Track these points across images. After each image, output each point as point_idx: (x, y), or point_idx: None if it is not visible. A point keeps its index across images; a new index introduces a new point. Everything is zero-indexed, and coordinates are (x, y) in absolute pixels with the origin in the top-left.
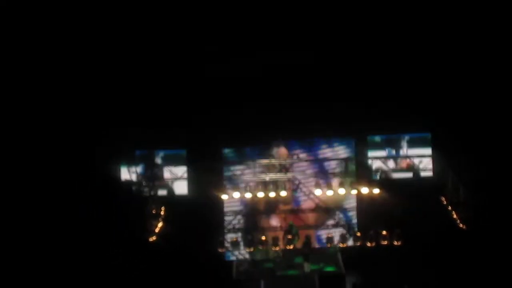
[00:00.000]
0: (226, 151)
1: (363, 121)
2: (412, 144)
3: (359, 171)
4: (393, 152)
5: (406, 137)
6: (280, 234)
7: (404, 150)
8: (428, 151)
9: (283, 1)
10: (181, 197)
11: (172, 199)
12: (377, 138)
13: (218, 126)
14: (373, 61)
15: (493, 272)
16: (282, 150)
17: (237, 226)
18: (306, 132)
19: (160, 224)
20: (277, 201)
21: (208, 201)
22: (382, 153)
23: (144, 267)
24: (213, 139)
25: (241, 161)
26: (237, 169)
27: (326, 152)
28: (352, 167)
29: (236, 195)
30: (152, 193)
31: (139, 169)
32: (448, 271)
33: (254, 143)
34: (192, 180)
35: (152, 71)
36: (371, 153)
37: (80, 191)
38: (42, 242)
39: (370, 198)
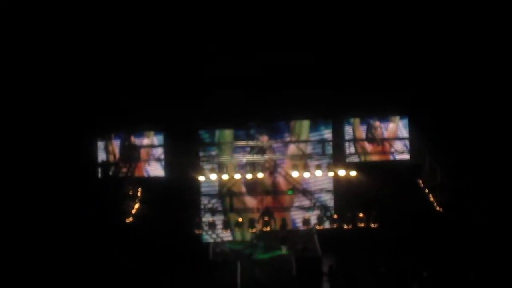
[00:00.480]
0: (203, 132)
1: (341, 104)
2: (388, 126)
3: (336, 153)
4: (370, 135)
5: (383, 120)
6: (257, 216)
7: (381, 133)
8: (405, 134)
9: None
10: (158, 179)
11: (148, 181)
12: (355, 121)
13: (195, 107)
14: (352, 44)
15: (469, 255)
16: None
17: (213, 208)
18: (283, 114)
19: (136, 205)
20: (254, 183)
21: (185, 183)
22: (360, 135)
23: (120, 248)
24: (190, 120)
25: (218, 142)
26: (213, 151)
27: (303, 134)
28: (329, 149)
29: (213, 176)
30: (128, 174)
31: (116, 150)
32: (424, 254)
33: (231, 125)
34: (168, 161)
35: (132, 53)
36: (348, 136)
37: (56, 172)
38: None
39: (347, 180)
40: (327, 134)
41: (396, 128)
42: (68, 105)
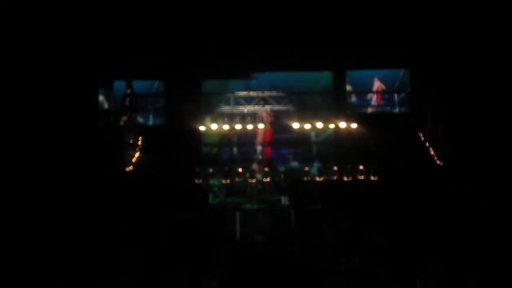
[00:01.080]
0: (205, 82)
1: (342, 55)
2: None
3: (336, 105)
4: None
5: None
6: (258, 167)
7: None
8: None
9: None
10: (159, 127)
11: (149, 129)
12: (356, 73)
13: (197, 57)
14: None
15: (468, 210)
16: None
17: (214, 158)
18: (284, 65)
19: (137, 154)
20: (255, 133)
21: (185, 132)
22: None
23: (121, 197)
24: (192, 70)
25: (219, 92)
26: (215, 101)
27: (304, 85)
28: (330, 101)
29: (214, 126)
30: (129, 122)
31: (116, 98)
32: (424, 208)
33: (233, 75)
34: (169, 110)
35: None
36: (349, 87)
37: (57, 120)
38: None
39: (348, 132)
40: (318, 84)
41: (398, 81)
42: (69, 53)
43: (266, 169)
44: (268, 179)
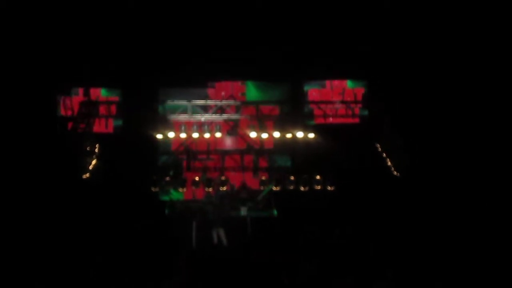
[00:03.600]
0: (162, 90)
1: (300, 66)
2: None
3: (294, 115)
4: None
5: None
6: (214, 175)
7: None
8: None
9: None
10: (116, 135)
11: (106, 137)
12: (314, 84)
13: (154, 65)
14: (312, 6)
15: (425, 219)
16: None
17: (170, 166)
18: (242, 74)
19: (94, 162)
20: (212, 142)
21: (142, 140)
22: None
23: (77, 204)
24: (150, 78)
25: (176, 101)
26: (172, 109)
27: (262, 95)
28: (287, 110)
29: (171, 135)
30: (86, 130)
31: (74, 105)
32: (380, 217)
33: (190, 83)
34: (126, 118)
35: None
36: (306, 98)
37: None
38: None
39: (305, 142)
40: (277, 94)
41: (355, 91)
42: (27, 60)
43: (223, 178)
44: (225, 188)
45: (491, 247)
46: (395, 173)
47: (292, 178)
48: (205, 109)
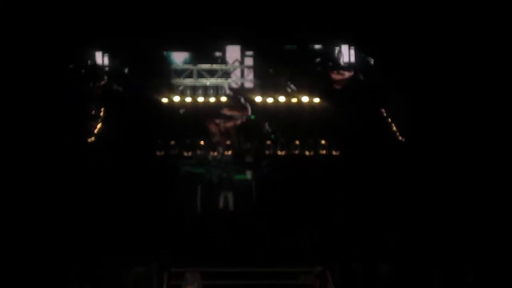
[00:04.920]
0: (169, 54)
1: (306, 29)
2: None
3: (300, 79)
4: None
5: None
6: (220, 139)
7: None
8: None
9: None
10: (121, 99)
11: (112, 100)
12: (318, 46)
13: (161, 28)
14: None
15: (429, 183)
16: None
17: (176, 130)
18: (248, 39)
19: (99, 125)
20: (217, 106)
21: (148, 104)
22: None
23: (83, 168)
24: (157, 41)
25: (183, 64)
26: (178, 73)
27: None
28: (293, 75)
29: (176, 98)
30: (92, 93)
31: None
32: (385, 184)
33: (197, 47)
34: (132, 82)
35: None
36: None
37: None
38: None
39: (310, 106)
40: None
41: (361, 56)
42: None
43: (228, 142)
44: (230, 152)
45: (493, 211)
46: (400, 138)
47: (297, 142)
48: (210, 73)
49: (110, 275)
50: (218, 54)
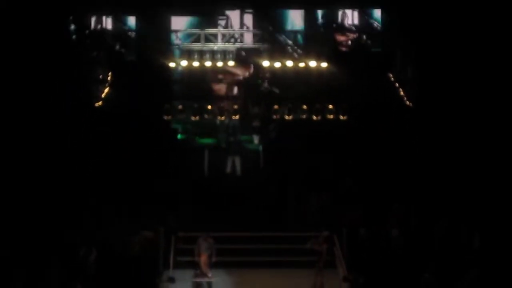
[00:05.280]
0: (175, 18)
1: None
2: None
3: (307, 44)
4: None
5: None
6: (227, 104)
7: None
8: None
9: None
10: (129, 63)
11: (119, 65)
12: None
13: None
14: None
15: (436, 148)
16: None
17: (183, 94)
18: (256, 3)
19: (106, 90)
20: (225, 70)
21: (155, 68)
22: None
23: (90, 132)
24: (163, 6)
25: (189, 29)
26: (185, 38)
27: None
28: (300, 39)
29: (184, 63)
30: (99, 57)
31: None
32: (392, 147)
33: (204, 11)
34: (140, 46)
35: None
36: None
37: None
38: None
39: (318, 71)
40: (290, 23)
41: (369, 20)
42: None
43: (236, 107)
44: (237, 117)
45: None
46: (407, 102)
47: (304, 107)
48: (218, 37)
49: (117, 240)
50: (222, 18)
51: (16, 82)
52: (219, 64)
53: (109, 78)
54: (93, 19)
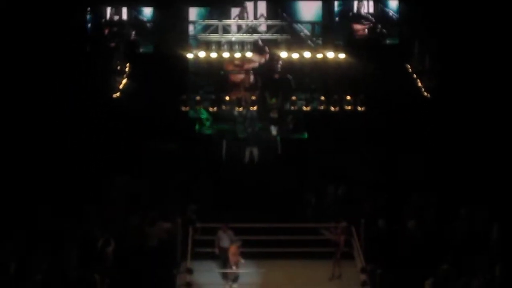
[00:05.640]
0: (193, 9)
1: None
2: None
3: (325, 35)
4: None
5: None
6: (245, 95)
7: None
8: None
9: None
10: (146, 54)
11: (137, 56)
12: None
13: None
14: None
15: (452, 139)
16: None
17: (201, 85)
18: None
19: (124, 81)
20: (243, 61)
21: (173, 59)
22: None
23: (108, 123)
24: None
25: (207, 20)
26: (203, 28)
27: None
28: (318, 30)
29: (202, 54)
30: (117, 48)
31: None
32: (410, 138)
33: (221, 2)
34: (157, 37)
35: None
36: (338, 17)
37: (46, 43)
38: None
39: (336, 62)
40: (307, 14)
41: (387, 12)
42: None
43: (254, 97)
44: (255, 108)
45: None
46: (425, 94)
47: (322, 98)
48: (236, 28)
49: (135, 231)
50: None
51: (34, 73)
52: (237, 55)
53: (126, 69)
54: (110, 10)
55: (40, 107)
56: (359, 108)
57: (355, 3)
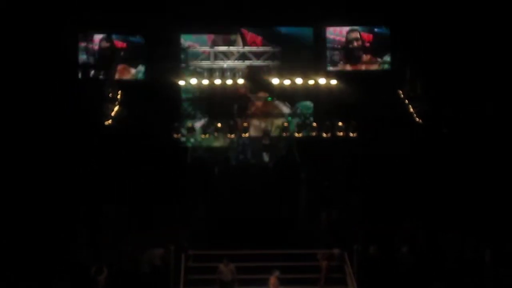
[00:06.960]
0: (184, 37)
1: (322, 12)
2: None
3: (317, 61)
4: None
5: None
6: (237, 122)
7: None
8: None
9: None
10: (138, 82)
11: (129, 83)
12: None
13: (177, 11)
14: None
15: (443, 164)
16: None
17: (193, 113)
18: (265, 20)
19: (116, 108)
20: (235, 88)
21: (165, 87)
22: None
23: (99, 150)
24: (172, 24)
25: (199, 47)
26: (194, 56)
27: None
28: (310, 56)
29: (193, 81)
30: (109, 76)
31: (96, 51)
32: (402, 162)
33: (214, 30)
34: (149, 65)
35: None
36: (329, 44)
37: (36, 72)
38: None
39: (327, 88)
40: (299, 41)
41: (378, 38)
42: (49, 6)
43: (245, 124)
44: (247, 135)
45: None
46: (417, 119)
47: (314, 124)
48: (227, 55)
49: (127, 257)
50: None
51: (25, 101)
52: (229, 82)
53: (118, 96)
54: (101, 38)
55: (31, 134)
56: (351, 134)
57: (347, 31)
